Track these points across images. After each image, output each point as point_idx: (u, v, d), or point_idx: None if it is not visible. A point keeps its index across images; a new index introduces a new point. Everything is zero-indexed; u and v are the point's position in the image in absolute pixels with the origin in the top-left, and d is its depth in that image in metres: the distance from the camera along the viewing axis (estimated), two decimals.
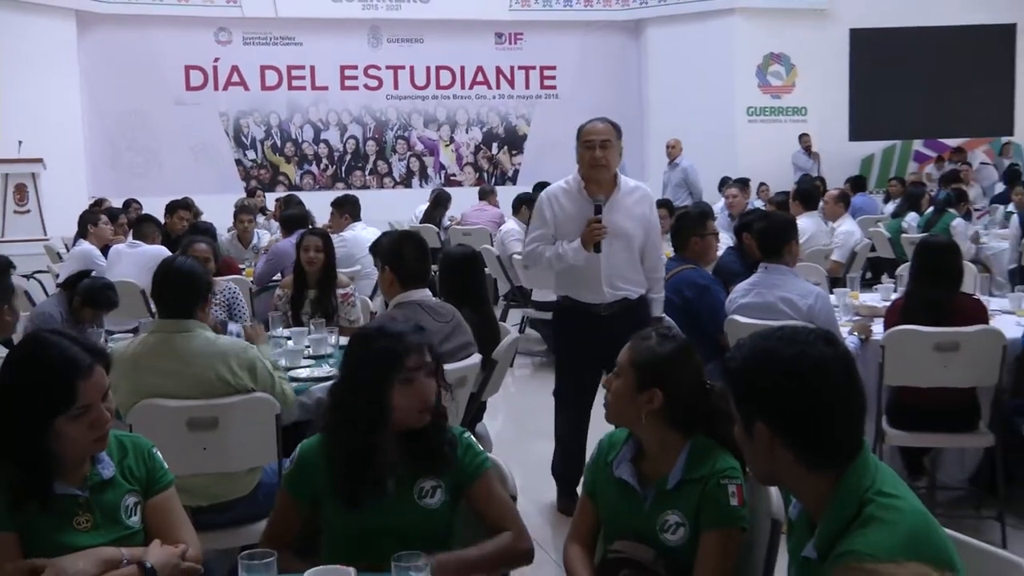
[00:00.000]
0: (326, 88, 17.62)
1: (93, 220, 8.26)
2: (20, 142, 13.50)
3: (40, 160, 13.49)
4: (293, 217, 8.06)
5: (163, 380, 3.64)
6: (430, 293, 4.63)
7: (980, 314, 4.85)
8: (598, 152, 4.65)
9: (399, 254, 4.57)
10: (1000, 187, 14.51)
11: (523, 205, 9.78)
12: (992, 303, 5.74)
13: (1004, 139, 17.63)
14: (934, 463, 5.25)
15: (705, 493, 2.53)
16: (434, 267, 5.24)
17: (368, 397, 2.54)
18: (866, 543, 1.88)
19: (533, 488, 5.05)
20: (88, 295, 5.18)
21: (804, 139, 16.50)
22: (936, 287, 4.84)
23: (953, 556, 1.92)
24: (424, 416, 2.57)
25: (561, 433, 5.11)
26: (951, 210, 9.83)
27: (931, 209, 10.40)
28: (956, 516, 4.86)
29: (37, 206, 13.46)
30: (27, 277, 7.06)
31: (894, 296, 5.52)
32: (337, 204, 8.73)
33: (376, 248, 6.82)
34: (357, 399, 2.56)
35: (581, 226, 4.68)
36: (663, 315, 4.91)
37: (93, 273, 5.61)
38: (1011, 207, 10.89)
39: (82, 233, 8.25)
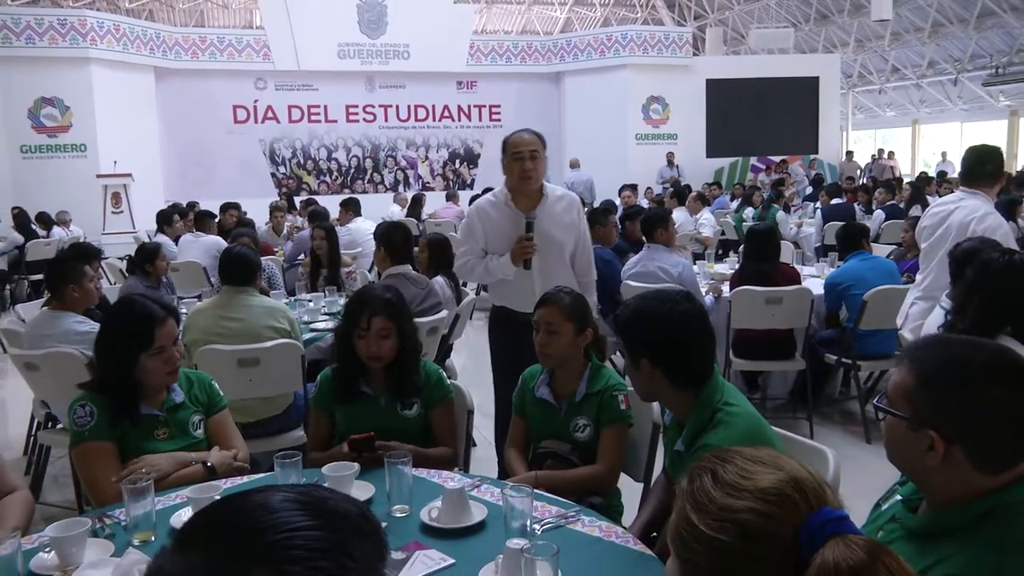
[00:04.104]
0: (336, 121, 17.34)
1: (168, 221, 8.05)
2: (115, 161, 13.37)
3: (130, 174, 13.26)
4: (316, 212, 8.06)
5: (230, 324, 3.68)
6: (411, 267, 4.60)
7: (795, 278, 4.94)
8: (528, 164, 3.44)
9: (390, 238, 4.54)
10: (809, 190, 14.71)
11: None
12: (804, 270, 5.87)
13: (812, 156, 17.88)
14: (765, 381, 5.36)
15: (602, 402, 2.55)
16: (415, 248, 5.20)
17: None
18: (716, 439, 1.91)
19: (486, 405, 5.00)
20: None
21: (669, 155, 16.51)
22: (761, 260, 4.91)
23: (776, 444, 1.96)
24: (372, 363, 2.57)
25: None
26: (775, 205, 10.00)
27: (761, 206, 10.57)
28: (779, 417, 4.97)
29: (128, 208, 13.19)
30: (120, 259, 7.03)
31: (737, 266, 5.60)
32: (344, 204, 8.62)
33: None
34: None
35: (510, 239, 3.55)
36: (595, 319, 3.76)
37: (163, 257, 5.54)
38: (818, 204, 11.06)
39: (160, 228, 8.05)
